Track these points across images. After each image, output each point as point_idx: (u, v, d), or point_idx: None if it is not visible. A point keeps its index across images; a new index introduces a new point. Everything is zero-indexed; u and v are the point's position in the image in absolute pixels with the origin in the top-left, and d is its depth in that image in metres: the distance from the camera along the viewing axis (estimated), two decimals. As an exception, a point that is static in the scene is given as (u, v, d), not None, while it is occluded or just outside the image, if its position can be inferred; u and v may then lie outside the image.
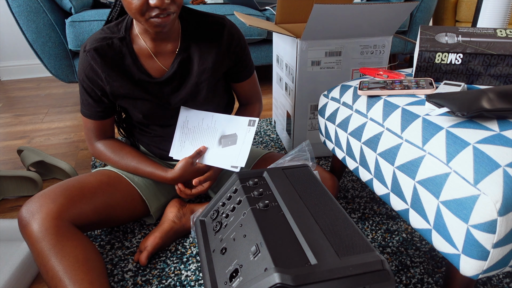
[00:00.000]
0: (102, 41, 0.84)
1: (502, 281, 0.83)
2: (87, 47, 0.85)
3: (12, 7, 1.56)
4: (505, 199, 0.55)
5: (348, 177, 1.24)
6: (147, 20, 0.75)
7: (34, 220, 0.72)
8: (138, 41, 0.86)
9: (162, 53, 0.88)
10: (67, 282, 0.68)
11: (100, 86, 0.88)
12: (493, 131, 0.62)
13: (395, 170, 0.73)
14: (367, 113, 0.84)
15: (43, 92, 2.25)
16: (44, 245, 0.70)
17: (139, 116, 0.93)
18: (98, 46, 0.84)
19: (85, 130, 0.95)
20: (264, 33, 1.94)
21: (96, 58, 0.84)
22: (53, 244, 0.70)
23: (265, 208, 0.68)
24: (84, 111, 0.93)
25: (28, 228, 0.72)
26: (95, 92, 0.89)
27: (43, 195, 0.77)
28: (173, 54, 0.89)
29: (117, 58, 0.85)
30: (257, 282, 0.53)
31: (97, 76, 0.86)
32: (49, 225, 0.72)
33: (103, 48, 0.84)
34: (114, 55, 0.85)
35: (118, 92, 0.88)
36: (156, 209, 0.99)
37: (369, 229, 1.00)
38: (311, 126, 1.33)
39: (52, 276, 0.69)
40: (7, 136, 1.64)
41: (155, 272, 0.87)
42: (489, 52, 0.80)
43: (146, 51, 0.87)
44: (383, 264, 0.55)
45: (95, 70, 0.85)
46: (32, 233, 0.71)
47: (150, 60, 0.88)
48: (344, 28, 1.15)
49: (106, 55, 0.84)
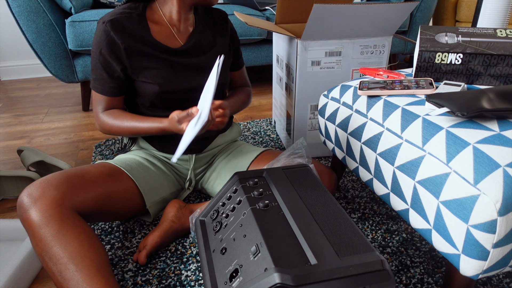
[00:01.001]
0: (120, 14, 0.88)
1: (502, 281, 0.83)
2: (106, 18, 0.87)
3: (12, 7, 1.56)
4: (505, 199, 0.55)
5: (348, 177, 1.24)
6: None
7: (37, 206, 0.71)
8: (160, 21, 0.93)
9: (182, 33, 0.96)
10: (73, 268, 0.67)
11: (119, 59, 0.89)
12: (493, 131, 0.62)
13: (395, 170, 0.73)
14: (367, 113, 0.84)
15: (43, 92, 2.25)
16: (47, 231, 0.69)
17: (156, 88, 0.92)
18: (118, 17, 0.87)
19: (94, 103, 0.95)
20: (264, 33, 1.94)
21: (116, 28, 0.86)
22: (56, 231, 0.69)
23: (265, 208, 0.68)
24: (96, 86, 0.93)
25: (29, 214, 0.70)
26: (112, 66, 0.89)
27: (46, 182, 0.75)
28: (188, 34, 0.97)
29: (135, 29, 0.89)
30: (257, 282, 0.53)
31: (116, 48, 0.88)
32: (52, 211, 0.70)
33: (121, 20, 0.87)
34: (133, 26, 0.89)
35: (136, 63, 0.90)
36: (153, 204, 0.97)
37: (369, 229, 1.00)
38: (311, 126, 1.33)
39: (56, 263, 0.67)
40: (7, 136, 1.64)
41: (155, 272, 0.87)
42: (489, 52, 0.80)
43: (167, 31, 0.94)
44: (383, 264, 0.55)
45: (114, 41, 0.87)
46: (34, 220, 0.70)
47: (170, 39, 0.94)
48: (344, 28, 1.15)
49: (125, 26, 0.88)
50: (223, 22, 1.04)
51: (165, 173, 1.03)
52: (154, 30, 0.92)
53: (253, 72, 2.56)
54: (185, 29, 0.97)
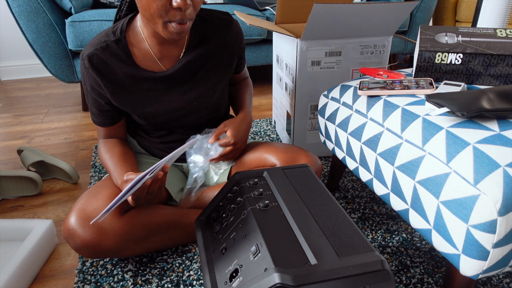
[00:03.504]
0: (96, 45, 0.83)
1: (502, 281, 0.83)
2: (84, 54, 0.84)
3: (12, 7, 1.56)
4: (505, 199, 0.55)
5: (348, 177, 1.24)
6: (164, 23, 0.74)
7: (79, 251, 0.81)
8: (140, 45, 0.85)
9: (167, 56, 0.87)
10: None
11: (101, 94, 0.87)
12: (493, 131, 0.62)
13: (395, 170, 0.73)
14: (367, 113, 0.84)
15: (43, 92, 2.25)
16: None
17: (142, 122, 0.93)
18: (93, 51, 0.82)
19: (97, 129, 0.97)
20: (264, 33, 1.94)
21: (93, 65, 0.83)
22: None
23: (265, 208, 0.68)
24: (92, 118, 0.94)
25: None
26: (98, 101, 0.89)
27: (74, 223, 0.80)
28: (178, 57, 0.88)
29: (114, 62, 0.84)
30: (257, 282, 0.53)
31: (97, 84, 0.85)
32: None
33: (98, 53, 0.82)
34: (111, 59, 0.83)
35: (118, 98, 0.87)
36: (177, 193, 0.99)
37: (369, 229, 1.00)
38: (311, 126, 1.33)
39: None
40: (7, 136, 1.64)
41: (155, 272, 0.87)
42: (489, 52, 0.80)
43: (149, 55, 0.86)
44: (383, 264, 0.55)
45: (94, 78, 0.84)
46: None
47: (153, 63, 0.87)
48: (344, 28, 1.15)
49: (102, 60, 0.83)
50: (225, 31, 0.92)
51: (174, 169, 1.04)
52: (137, 55, 0.85)
53: (253, 72, 2.56)
54: (172, 51, 0.87)
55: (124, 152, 0.92)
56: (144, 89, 0.87)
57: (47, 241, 0.92)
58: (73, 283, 0.85)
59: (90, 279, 0.85)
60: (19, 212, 1.11)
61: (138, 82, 0.86)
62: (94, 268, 0.88)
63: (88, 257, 0.81)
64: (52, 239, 0.94)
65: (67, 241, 0.79)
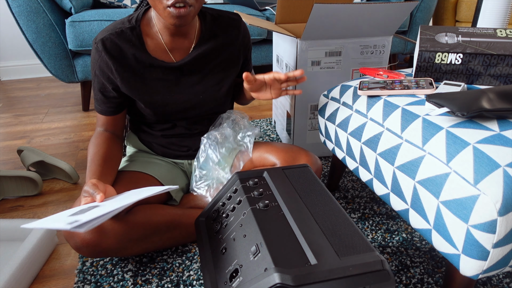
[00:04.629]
0: (111, 30, 0.86)
1: (502, 281, 0.83)
2: (97, 38, 0.86)
3: (12, 7, 1.56)
4: (505, 199, 0.55)
5: (348, 177, 1.24)
6: (164, 8, 0.76)
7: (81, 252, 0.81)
8: (153, 35, 0.88)
9: (178, 48, 0.90)
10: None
11: (110, 79, 0.88)
12: (493, 131, 0.62)
13: (395, 170, 0.73)
14: (367, 113, 0.84)
15: (43, 92, 2.25)
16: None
17: (148, 111, 0.93)
18: (108, 36, 0.85)
19: (97, 117, 0.97)
20: (264, 33, 1.94)
21: (106, 48, 0.85)
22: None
23: (265, 208, 0.68)
24: (96, 106, 0.94)
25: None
26: (106, 87, 0.89)
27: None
28: (188, 50, 0.92)
29: (127, 47, 0.86)
30: (257, 282, 0.53)
31: (108, 68, 0.87)
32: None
33: (113, 38, 0.85)
34: (125, 44, 0.86)
35: (128, 84, 0.88)
36: (177, 193, 1.00)
37: (369, 229, 1.00)
38: (311, 126, 1.33)
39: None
40: (7, 136, 1.64)
41: (155, 272, 0.87)
42: (489, 52, 0.80)
43: (161, 46, 0.89)
44: (383, 264, 0.55)
45: (106, 62, 0.86)
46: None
47: (163, 54, 0.89)
48: (344, 28, 1.15)
49: (116, 44, 0.85)
50: (234, 30, 0.96)
51: (175, 168, 1.04)
52: (149, 44, 0.88)
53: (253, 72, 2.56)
54: (182, 43, 0.90)
55: (109, 154, 0.89)
56: (154, 77, 0.90)
57: (47, 241, 0.92)
58: (73, 283, 0.85)
59: (90, 279, 0.85)
60: (19, 212, 1.11)
61: (148, 69, 0.89)
62: (94, 268, 0.88)
63: (88, 256, 0.81)
64: (52, 239, 0.94)
65: (67, 240, 0.79)
